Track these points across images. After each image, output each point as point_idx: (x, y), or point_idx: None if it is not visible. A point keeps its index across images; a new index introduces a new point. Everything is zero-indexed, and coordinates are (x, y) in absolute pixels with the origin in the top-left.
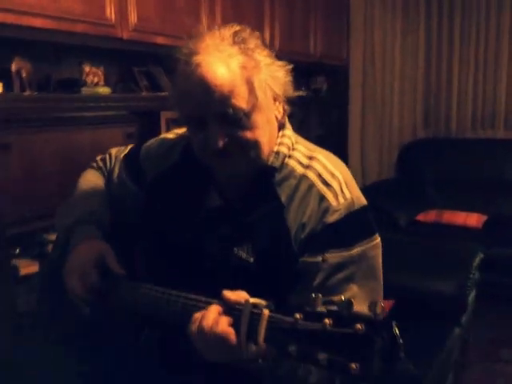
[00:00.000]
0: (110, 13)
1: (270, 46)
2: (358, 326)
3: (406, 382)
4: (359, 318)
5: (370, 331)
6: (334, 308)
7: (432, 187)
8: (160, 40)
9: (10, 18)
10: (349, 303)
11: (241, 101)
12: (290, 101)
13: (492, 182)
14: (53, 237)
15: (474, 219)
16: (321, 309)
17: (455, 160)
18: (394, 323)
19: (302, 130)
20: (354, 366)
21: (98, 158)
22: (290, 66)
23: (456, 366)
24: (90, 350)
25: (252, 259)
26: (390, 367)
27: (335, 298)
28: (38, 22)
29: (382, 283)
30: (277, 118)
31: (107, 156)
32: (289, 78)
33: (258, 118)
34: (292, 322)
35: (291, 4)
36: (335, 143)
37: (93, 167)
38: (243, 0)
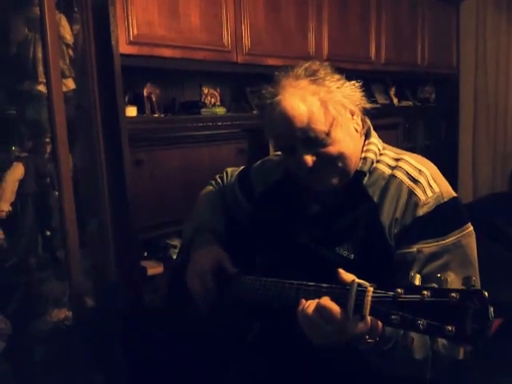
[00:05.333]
0: (227, 39)
1: (375, 58)
2: (453, 294)
3: None
4: (454, 289)
5: (463, 299)
6: (432, 285)
7: None
8: (271, 61)
9: (144, 50)
10: (445, 280)
11: (319, 124)
12: (395, 111)
13: None
14: (174, 242)
15: None
16: (419, 284)
17: None
18: (484, 291)
19: (408, 140)
20: (449, 328)
21: (217, 176)
22: (360, 84)
23: None
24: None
25: (352, 256)
26: (482, 328)
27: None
28: (167, 52)
29: (477, 269)
30: (356, 129)
31: (224, 174)
32: (360, 94)
33: (338, 134)
34: (394, 296)
35: (397, 15)
36: (444, 154)
37: (211, 184)
38: (349, 15)
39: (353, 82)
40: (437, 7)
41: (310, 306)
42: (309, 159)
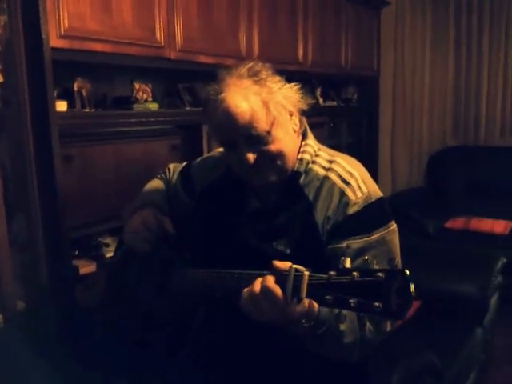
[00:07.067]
0: (160, 36)
1: (303, 60)
2: (379, 274)
3: (431, 372)
4: (380, 270)
5: (388, 277)
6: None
7: (461, 195)
8: (203, 59)
9: (75, 44)
10: (372, 262)
11: (260, 123)
12: (320, 111)
13: None
14: (107, 240)
15: (501, 226)
16: (350, 266)
17: (484, 168)
18: (406, 270)
19: (332, 138)
20: (377, 304)
21: (161, 171)
22: (298, 86)
23: (480, 366)
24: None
25: (288, 251)
26: (405, 303)
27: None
28: (98, 47)
29: (400, 261)
30: (294, 129)
31: (167, 170)
32: (299, 95)
33: (279, 133)
34: (327, 278)
35: (323, 20)
36: (365, 151)
37: (157, 177)
38: (278, 18)
39: (292, 83)
40: (359, 13)
41: (255, 287)
42: (250, 157)
